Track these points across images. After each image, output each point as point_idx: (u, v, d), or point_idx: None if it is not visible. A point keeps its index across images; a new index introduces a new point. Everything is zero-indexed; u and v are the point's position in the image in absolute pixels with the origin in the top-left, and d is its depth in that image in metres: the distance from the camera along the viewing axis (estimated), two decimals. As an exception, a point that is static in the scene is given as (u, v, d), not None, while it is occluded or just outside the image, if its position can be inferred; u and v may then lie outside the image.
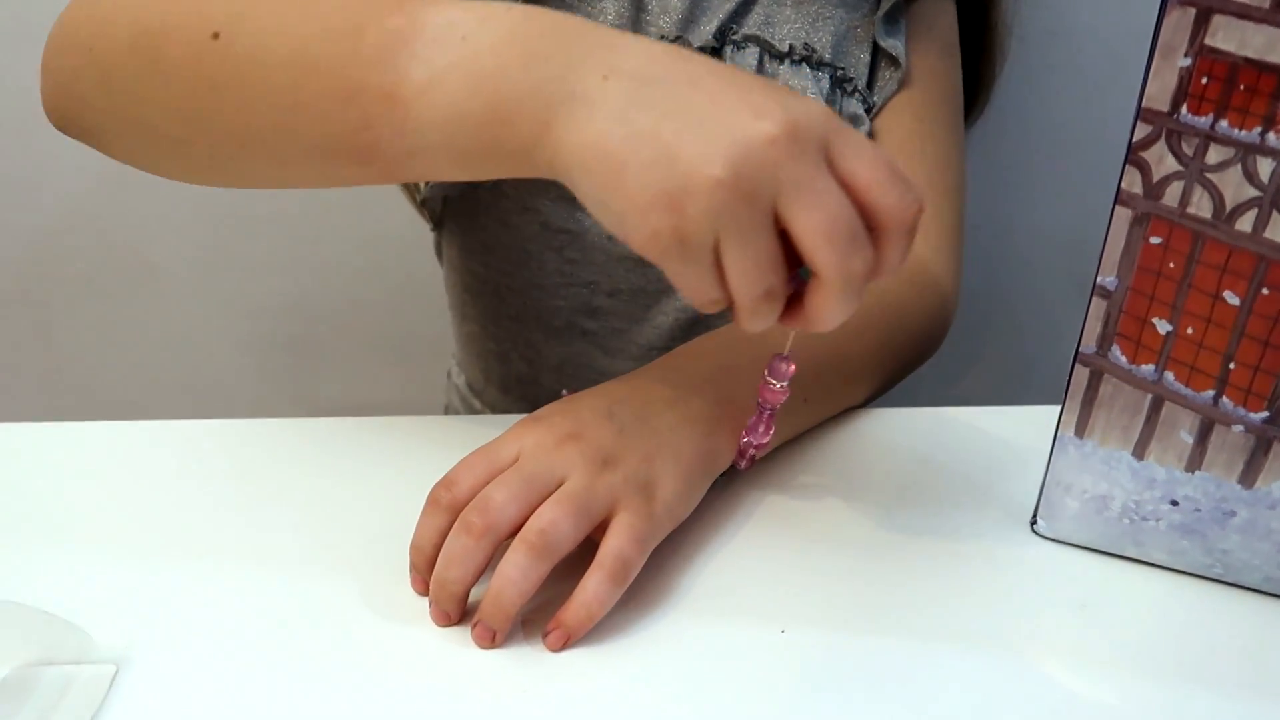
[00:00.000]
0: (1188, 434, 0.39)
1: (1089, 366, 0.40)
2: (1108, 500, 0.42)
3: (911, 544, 0.44)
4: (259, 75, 0.36)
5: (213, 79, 0.36)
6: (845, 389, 0.52)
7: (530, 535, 0.38)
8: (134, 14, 0.37)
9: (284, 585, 0.41)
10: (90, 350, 1.08)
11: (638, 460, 0.40)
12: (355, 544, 0.43)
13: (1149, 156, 0.36)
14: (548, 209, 0.60)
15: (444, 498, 0.39)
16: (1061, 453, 0.42)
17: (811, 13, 0.59)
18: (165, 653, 0.38)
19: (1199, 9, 0.33)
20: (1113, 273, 0.38)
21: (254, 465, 0.49)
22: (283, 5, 0.36)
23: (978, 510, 0.46)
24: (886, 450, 0.51)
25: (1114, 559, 0.43)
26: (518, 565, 0.37)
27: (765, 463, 0.48)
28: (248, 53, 0.36)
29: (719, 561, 0.43)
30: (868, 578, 0.42)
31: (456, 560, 0.38)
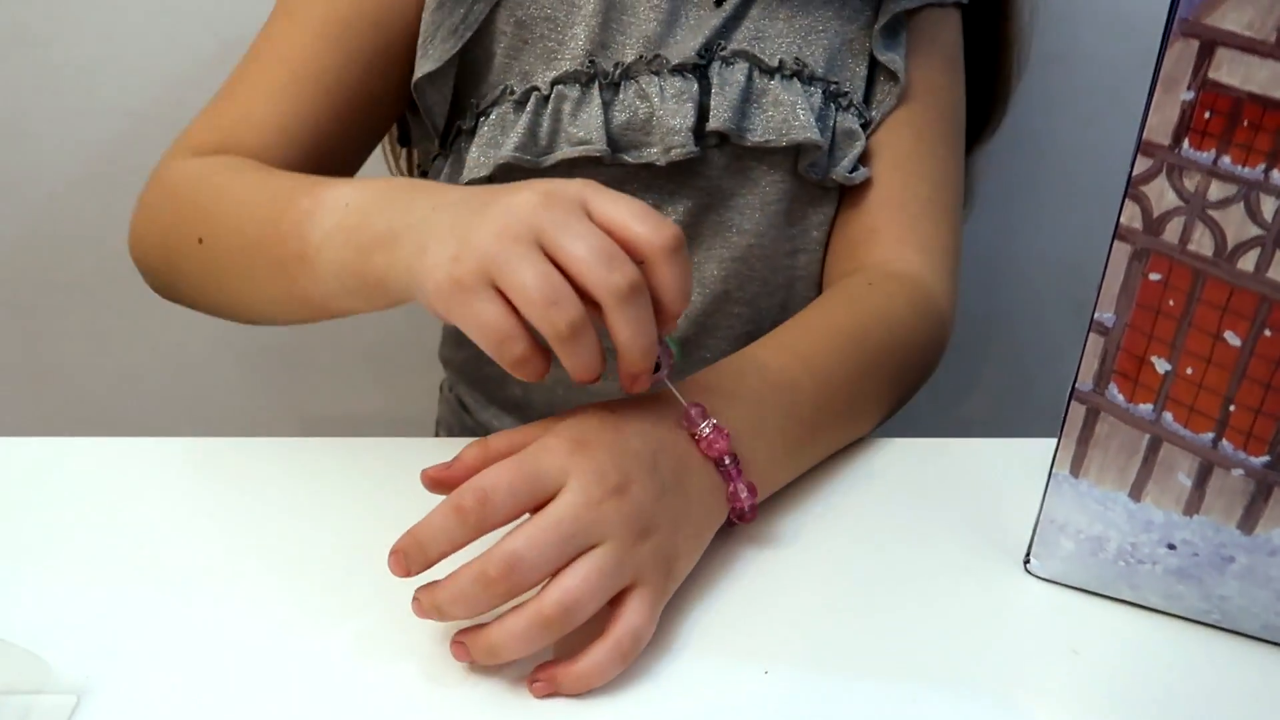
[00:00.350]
0: (1186, 476, 0.38)
1: (1085, 404, 0.39)
2: (1103, 541, 0.41)
3: (901, 581, 0.43)
4: (229, 259, 0.49)
5: (204, 266, 0.51)
6: (853, 423, 0.51)
7: (548, 607, 0.35)
8: (159, 227, 0.54)
9: (255, 615, 0.40)
10: (77, 357, 1.07)
11: (668, 530, 0.39)
12: (333, 573, 0.42)
13: (1149, 191, 0.35)
14: None
15: (472, 516, 0.36)
16: (1056, 491, 0.41)
17: (804, 26, 0.58)
18: (127, 683, 0.37)
19: (1203, 42, 0.32)
20: (1111, 309, 0.37)
21: (228, 486, 0.48)
22: (236, 208, 0.49)
23: (971, 547, 0.45)
24: (878, 482, 0.50)
25: (1108, 601, 0.42)
26: (525, 633, 0.36)
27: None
28: (220, 247, 0.49)
29: (700, 598, 0.42)
30: (855, 615, 0.41)
31: (464, 602, 0.36)
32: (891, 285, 0.56)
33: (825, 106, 0.58)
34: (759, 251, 0.60)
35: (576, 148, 0.55)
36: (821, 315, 0.53)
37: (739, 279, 0.61)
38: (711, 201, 0.59)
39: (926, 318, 0.56)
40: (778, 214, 0.60)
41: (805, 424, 0.47)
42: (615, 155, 0.56)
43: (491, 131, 0.56)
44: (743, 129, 0.56)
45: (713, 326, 0.62)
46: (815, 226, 0.61)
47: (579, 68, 0.55)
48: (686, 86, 0.55)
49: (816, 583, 0.43)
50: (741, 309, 0.62)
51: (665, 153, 0.55)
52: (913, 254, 0.58)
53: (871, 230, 0.59)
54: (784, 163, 0.58)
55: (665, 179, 0.58)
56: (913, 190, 0.60)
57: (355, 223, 0.42)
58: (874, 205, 0.60)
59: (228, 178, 0.51)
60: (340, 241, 0.42)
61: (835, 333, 0.51)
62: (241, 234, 0.48)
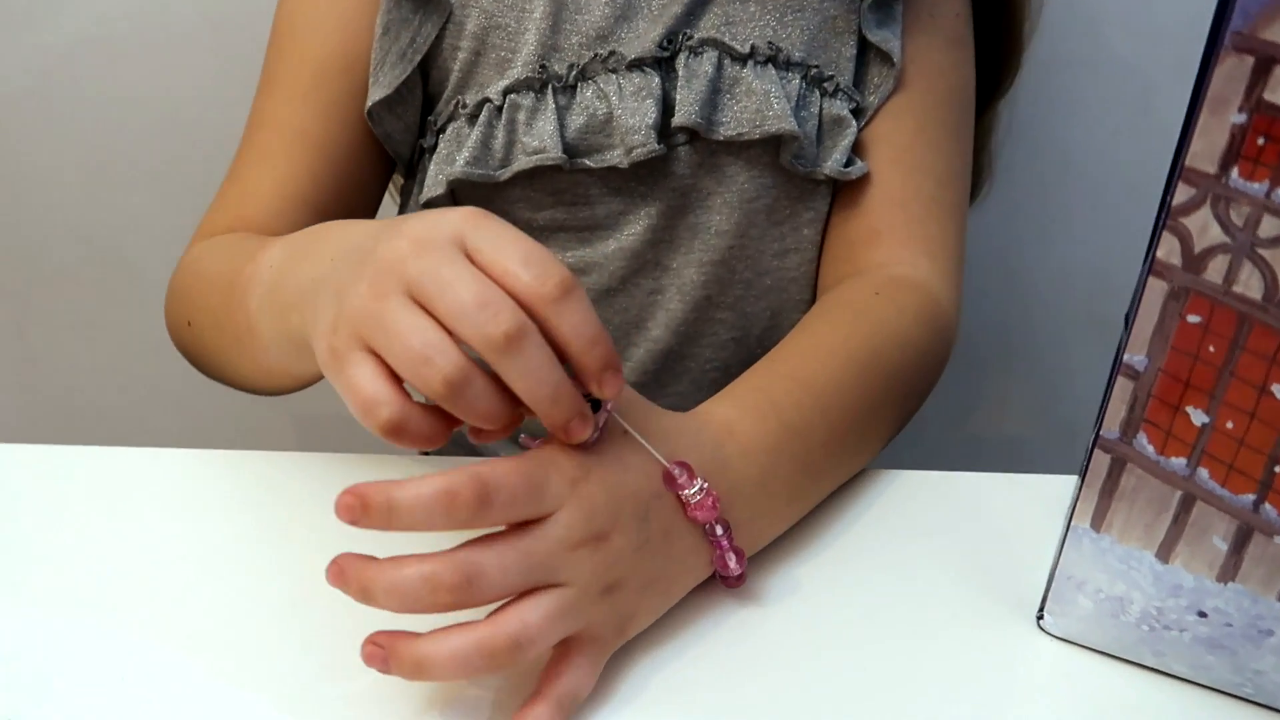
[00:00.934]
0: (1221, 540, 0.34)
1: (1110, 453, 0.35)
2: (1125, 603, 0.37)
3: (901, 633, 0.40)
4: (209, 340, 0.50)
5: (197, 349, 0.53)
6: (859, 458, 0.47)
7: (501, 638, 0.32)
8: (169, 315, 0.55)
9: (205, 646, 0.37)
10: (66, 350, 1.04)
11: (635, 589, 0.36)
12: (294, 599, 0.39)
13: (1190, 224, 0.31)
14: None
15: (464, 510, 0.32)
16: (1074, 545, 0.37)
17: (780, 6, 0.53)
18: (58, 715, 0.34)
19: (1258, 58, 0.28)
20: (1142, 351, 0.33)
21: (187, 501, 0.45)
22: (208, 287, 0.49)
23: (979, 596, 0.42)
24: (879, 518, 0.46)
25: (1129, 666, 0.38)
26: (467, 658, 0.32)
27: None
28: (201, 328, 0.50)
29: (679, 652, 0.38)
30: (849, 672, 0.38)
31: (398, 596, 0.32)
32: (900, 296, 0.52)
33: (807, 93, 0.54)
34: (740, 253, 0.57)
35: (532, 158, 0.52)
36: (830, 335, 0.48)
37: (720, 283, 0.57)
38: (685, 202, 0.56)
39: (935, 332, 0.52)
40: (758, 212, 0.56)
41: (813, 472, 0.44)
42: (574, 161, 0.53)
43: (447, 148, 0.54)
44: (713, 123, 0.52)
45: (695, 335, 0.59)
46: (806, 224, 0.57)
47: (531, 74, 0.52)
48: (646, 82, 0.52)
49: (803, 636, 0.39)
50: (725, 314, 0.58)
51: (627, 154, 0.52)
52: (918, 258, 0.54)
53: (873, 232, 0.55)
54: (763, 157, 0.54)
55: (634, 181, 0.54)
56: (915, 187, 0.55)
57: (276, 282, 0.41)
58: (874, 204, 0.55)
59: (209, 258, 0.51)
60: (268, 307, 0.41)
61: (848, 361, 0.46)
62: (212, 314, 0.48)
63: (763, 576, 0.42)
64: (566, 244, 0.57)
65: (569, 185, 0.54)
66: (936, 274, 0.54)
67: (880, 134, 0.56)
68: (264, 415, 1.05)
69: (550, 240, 0.56)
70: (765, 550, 0.42)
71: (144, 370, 1.05)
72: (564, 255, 0.57)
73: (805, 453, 0.43)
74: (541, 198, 0.55)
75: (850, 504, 0.47)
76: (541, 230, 0.56)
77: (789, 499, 0.42)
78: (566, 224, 0.56)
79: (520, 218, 0.56)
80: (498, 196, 0.55)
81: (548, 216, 0.55)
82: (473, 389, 0.32)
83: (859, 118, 0.55)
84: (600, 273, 0.57)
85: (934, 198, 0.55)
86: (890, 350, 0.49)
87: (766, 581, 0.42)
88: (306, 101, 0.54)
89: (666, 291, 0.57)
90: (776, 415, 0.42)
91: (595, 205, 0.55)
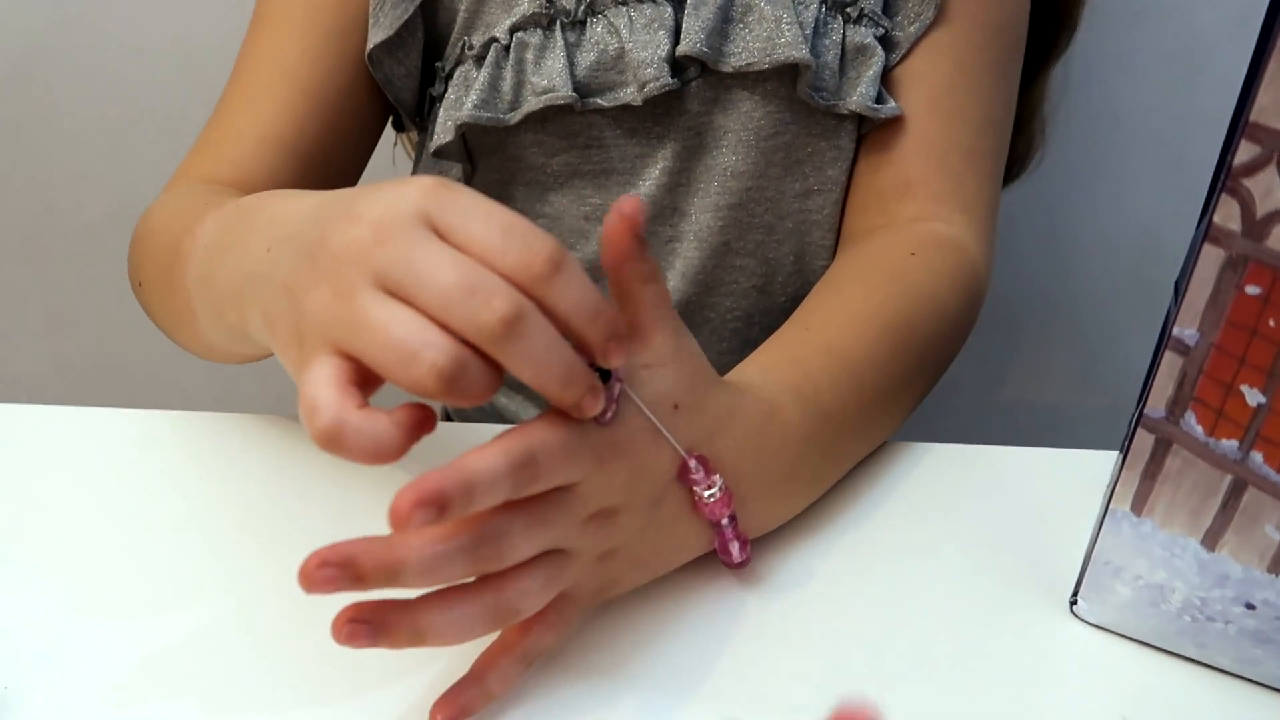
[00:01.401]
0: (1275, 530, 0.31)
1: (1155, 433, 0.33)
2: (1166, 591, 0.35)
3: (925, 615, 0.38)
4: (156, 304, 0.46)
5: (146, 306, 0.49)
6: (882, 434, 0.45)
7: (503, 607, 0.31)
8: (129, 264, 0.50)
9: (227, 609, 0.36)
10: (94, 309, 1.04)
11: (628, 561, 0.35)
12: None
13: (1253, 186, 0.28)
14: (521, 195, 0.55)
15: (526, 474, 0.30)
16: (1113, 529, 0.35)
17: None
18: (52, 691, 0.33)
19: (1337, 0, 0.25)
20: (1194, 325, 0.31)
21: (204, 468, 0.44)
22: (155, 251, 0.45)
23: (1007, 579, 0.39)
24: (897, 496, 0.44)
25: (1167, 656, 0.36)
26: (471, 622, 0.31)
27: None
28: (150, 291, 0.47)
29: (685, 635, 0.37)
30: (869, 656, 0.36)
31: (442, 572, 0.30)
32: (935, 259, 0.49)
33: (827, 19, 0.50)
34: (759, 195, 0.54)
35: (541, 98, 0.49)
36: (865, 302, 0.45)
37: (739, 228, 0.54)
38: (700, 142, 0.53)
39: (969, 297, 0.49)
40: (776, 150, 0.52)
41: (838, 456, 0.42)
42: (586, 101, 0.50)
43: (455, 93, 0.51)
44: (722, 53, 0.49)
45: (715, 284, 0.56)
46: (830, 164, 0.53)
47: (538, 9, 0.49)
48: (659, 13, 0.49)
49: (819, 620, 0.37)
50: (746, 261, 0.56)
51: (640, 89, 0.49)
52: (954, 213, 0.51)
53: (905, 183, 0.52)
54: (778, 90, 0.51)
55: (649, 121, 0.52)
56: (954, 136, 0.51)
57: (209, 269, 0.37)
58: (908, 152, 0.52)
59: (161, 216, 0.47)
60: (202, 293, 0.38)
61: (883, 332, 0.44)
62: (155, 281, 0.45)
63: (778, 556, 0.40)
64: (582, 189, 0.54)
65: (582, 127, 0.52)
66: (972, 232, 0.51)
67: (916, 73, 0.52)
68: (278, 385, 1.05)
69: (565, 186, 0.54)
70: (783, 529, 0.40)
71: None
72: (581, 204, 0.55)
73: (836, 439, 0.41)
74: (554, 142, 0.52)
75: (873, 479, 0.44)
76: (556, 177, 0.54)
77: (811, 483, 0.41)
78: (581, 169, 0.53)
79: (533, 163, 0.53)
80: (509, 142, 0.52)
81: (561, 162, 0.53)
82: (466, 377, 0.28)
83: (890, 48, 0.51)
84: None
85: (972, 147, 0.52)
86: (925, 321, 0.46)
87: (782, 561, 0.40)
88: (296, 40, 0.51)
89: (684, 239, 0.55)
90: (816, 399, 0.40)
91: (610, 149, 0.53)
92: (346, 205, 0.30)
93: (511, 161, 0.54)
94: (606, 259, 0.32)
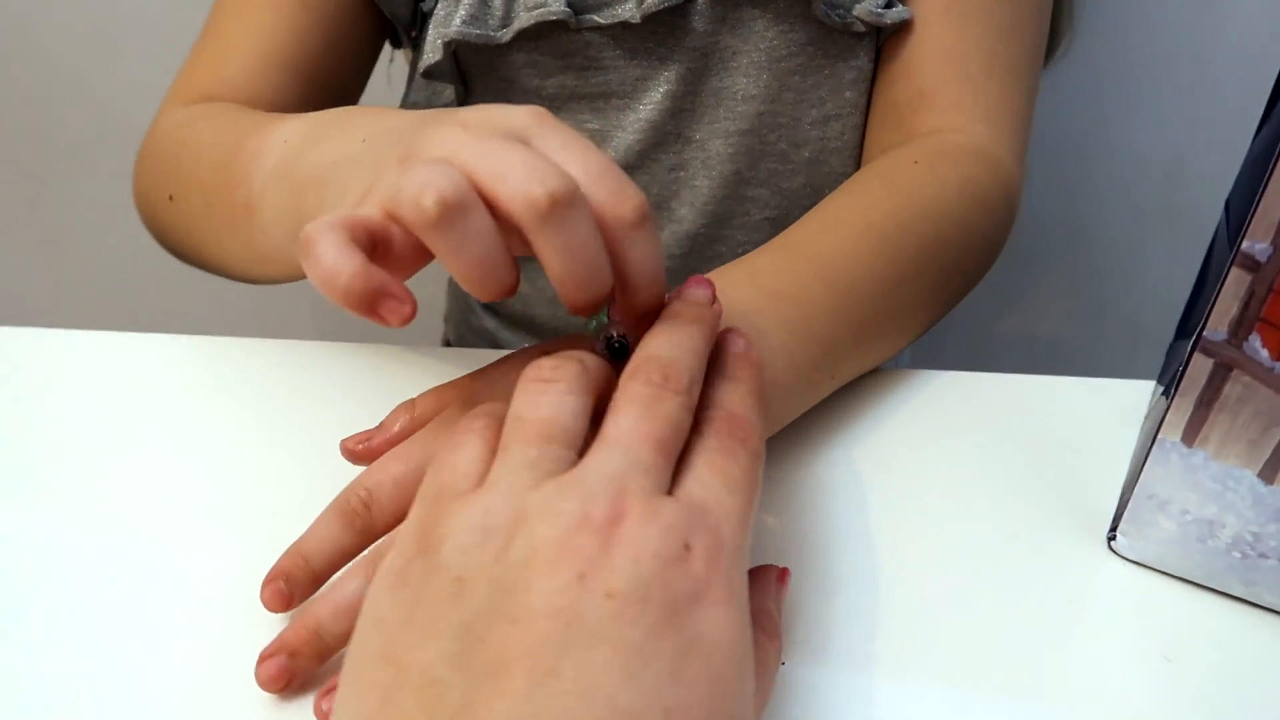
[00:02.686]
0: (1343, 461, 0.29)
1: (1213, 357, 0.30)
2: (1216, 526, 0.33)
3: (951, 552, 0.36)
4: (194, 217, 0.45)
5: (176, 223, 0.47)
6: (886, 339, 0.41)
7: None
8: (141, 187, 0.50)
9: (221, 534, 0.34)
10: (84, 230, 1.01)
11: None
12: (311, 489, 0.36)
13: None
14: None
15: (360, 519, 0.31)
16: (1160, 460, 0.33)
17: None
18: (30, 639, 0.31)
19: None
20: (1266, 238, 0.28)
21: (204, 387, 0.42)
22: (196, 161, 0.44)
23: (1039, 514, 0.37)
24: (921, 426, 0.41)
25: (1213, 595, 0.34)
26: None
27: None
28: (186, 204, 0.45)
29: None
30: (892, 597, 0.34)
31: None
32: (943, 165, 0.45)
33: None
34: (772, 120, 0.51)
35: (533, 13, 0.46)
36: (848, 205, 0.42)
37: (751, 155, 0.51)
38: (707, 64, 0.49)
39: (985, 206, 0.46)
40: (790, 73, 0.49)
41: (818, 341, 0.38)
42: (581, 19, 0.47)
43: (445, 8, 0.48)
44: None
45: (725, 215, 0.53)
46: (848, 85, 0.50)
47: None
48: None
49: (841, 555, 0.35)
50: (759, 191, 0.53)
51: (639, 5, 0.46)
52: (974, 123, 0.47)
53: (920, 92, 0.48)
54: (792, 7, 0.48)
55: (650, 42, 0.48)
56: (973, 40, 0.48)
57: (291, 159, 0.36)
58: (923, 60, 0.48)
59: (195, 129, 0.45)
60: (278, 182, 0.36)
61: (864, 229, 0.40)
62: (201, 189, 0.43)
63: (795, 485, 0.38)
64: (579, 114, 0.51)
65: (578, 47, 0.48)
66: (995, 140, 0.47)
67: None
68: (284, 301, 1.02)
69: (562, 111, 0.51)
70: (791, 461, 0.38)
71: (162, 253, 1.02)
72: (578, 129, 0.51)
73: (804, 320, 0.37)
74: (549, 62, 0.49)
75: (894, 407, 0.42)
76: (552, 100, 0.51)
77: (793, 371, 0.37)
78: (578, 92, 0.50)
79: (528, 86, 0.50)
80: (501, 62, 0.49)
81: (557, 84, 0.50)
82: (469, 221, 0.26)
83: None
84: (616, 147, 0.52)
85: (994, 52, 0.48)
86: (920, 223, 0.42)
87: (803, 497, 0.38)
88: None
89: (690, 166, 0.52)
90: (751, 281, 0.37)
91: (609, 70, 0.49)
92: (450, 113, 0.29)
93: (505, 84, 0.50)
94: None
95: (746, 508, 0.25)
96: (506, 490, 0.24)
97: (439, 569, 0.23)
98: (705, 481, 0.25)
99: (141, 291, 1.04)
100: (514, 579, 0.22)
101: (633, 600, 0.22)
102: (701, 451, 0.26)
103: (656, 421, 0.25)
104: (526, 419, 0.26)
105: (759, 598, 0.30)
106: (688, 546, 0.23)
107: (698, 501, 0.24)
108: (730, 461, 0.26)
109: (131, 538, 0.35)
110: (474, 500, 0.24)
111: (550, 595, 0.22)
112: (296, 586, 0.30)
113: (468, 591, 0.22)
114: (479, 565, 0.23)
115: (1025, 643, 0.32)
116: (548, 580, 0.22)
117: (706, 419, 0.27)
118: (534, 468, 0.24)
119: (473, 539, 0.23)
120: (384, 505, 0.31)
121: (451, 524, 0.24)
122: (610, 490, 0.23)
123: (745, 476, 0.26)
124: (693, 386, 0.27)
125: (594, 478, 0.24)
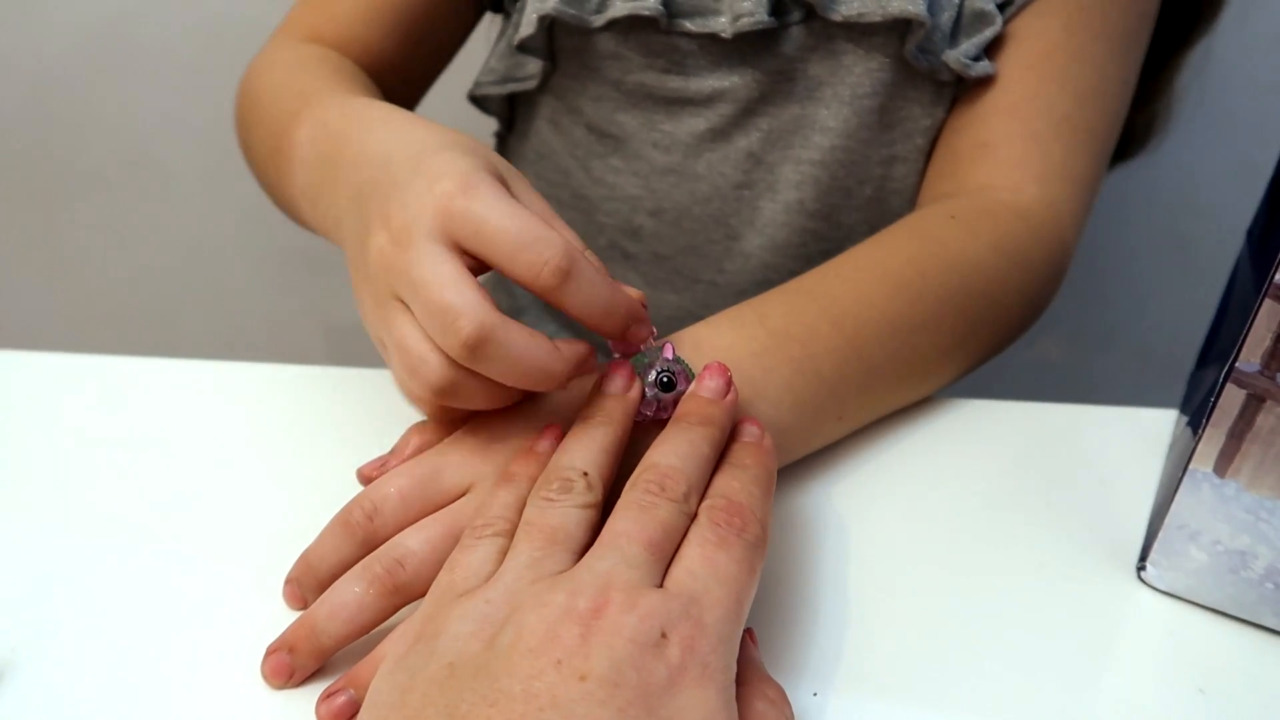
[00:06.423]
0: (1380, 493, 0.29)
1: (1246, 389, 0.30)
2: (1248, 558, 0.33)
3: (979, 583, 0.35)
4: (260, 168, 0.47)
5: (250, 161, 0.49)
6: (902, 384, 0.41)
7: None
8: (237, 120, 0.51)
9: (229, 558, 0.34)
10: (97, 255, 1.02)
11: None
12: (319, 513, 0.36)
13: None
14: (590, 109, 0.52)
15: (361, 530, 0.32)
16: (1192, 490, 0.33)
17: None
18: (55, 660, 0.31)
19: None
20: (1301, 270, 0.28)
21: (214, 414, 0.42)
22: (262, 122, 0.45)
23: (1067, 544, 0.37)
24: (951, 456, 0.41)
25: (1244, 626, 0.34)
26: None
27: (791, 468, 0.40)
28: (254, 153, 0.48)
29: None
30: (922, 628, 0.34)
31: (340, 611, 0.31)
32: (981, 222, 0.44)
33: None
34: (845, 156, 0.50)
35: (628, 4, 0.46)
36: (868, 252, 0.42)
37: (817, 188, 0.51)
38: (791, 89, 0.49)
39: (1021, 263, 0.44)
40: (870, 111, 0.49)
41: (824, 382, 0.38)
42: (674, 21, 0.47)
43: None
44: (832, 0, 0.46)
45: (782, 243, 0.53)
46: (920, 133, 0.50)
47: None
48: None
49: (873, 587, 0.35)
50: (817, 225, 0.53)
51: (733, 21, 0.46)
52: (1028, 182, 0.46)
53: (982, 144, 0.47)
54: (885, 45, 0.47)
55: (736, 57, 0.48)
56: (1047, 101, 0.47)
57: (312, 196, 0.38)
58: (991, 113, 0.47)
59: (274, 78, 0.47)
60: (306, 207, 0.39)
61: (880, 274, 0.40)
62: (261, 149, 0.46)
63: (821, 513, 0.38)
64: (654, 116, 0.51)
65: (665, 48, 0.48)
66: (1047, 202, 0.46)
67: (1018, 34, 0.47)
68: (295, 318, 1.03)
69: (637, 109, 0.51)
70: (823, 492, 0.38)
71: (175, 277, 1.02)
72: (651, 129, 0.52)
73: (808, 358, 0.37)
74: (634, 57, 0.49)
75: (919, 435, 0.42)
76: (629, 95, 0.51)
77: (794, 406, 0.37)
78: (656, 92, 0.50)
79: (609, 77, 0.51)
80: (588, 49, 0.50)
81: (637, 81, 0.50)
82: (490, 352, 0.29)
83: (1000, 10, 0.47)
84: (684, 153, 0.52)
85: (1067, 117, 0.46)
86: (944, 274, 0.41)
87: (825, 520, 0.38)
88: None
89: (756, 187, 0.52)
90: (760, 321, 0.38)
91: (690, 76, 0.49)
92: (386, 196, 0.31)
93: (588, 71, 0.51)
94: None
95: (736, 596, 0.27)
96: (508, 584, 0.26)
97: (434, 655, 0.25)
98: (694, 572, 0.26)
99: (151, 316, 1.04)
100: (498, 664, 0.24)
101: (605, 683, 0.23)
102: (697, 542, 0.27)
103: (649, 525, 0.27)
104: (535, 524, 0.28)
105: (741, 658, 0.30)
106: (664, 634, 0.24)
107: (684, 591, 0.26)
108: (723, 552, 0.27)
109: (141, 563, 0.35)
110: (478, 593, 0.26)
111: (528, 680, 0.23)
112: (307, 591, 0.33)
113: (456, 676, 0.24)
114: (470, 651, 0.25)
115: (1057, 674, 0.32)
116: (527, 665, 0.23)
117: (707, 508, 0.28)
118: (535, 566, 0.26)
119: (468, 627, 0.25)
120: (387, 517, 0.32)
121: (452, 614, 0.26)
122: (597, 584, 0.25)
123: (737, 567, 0.27)
124: (690, 494, 0.29)
125: (585, 574, 0.26)
